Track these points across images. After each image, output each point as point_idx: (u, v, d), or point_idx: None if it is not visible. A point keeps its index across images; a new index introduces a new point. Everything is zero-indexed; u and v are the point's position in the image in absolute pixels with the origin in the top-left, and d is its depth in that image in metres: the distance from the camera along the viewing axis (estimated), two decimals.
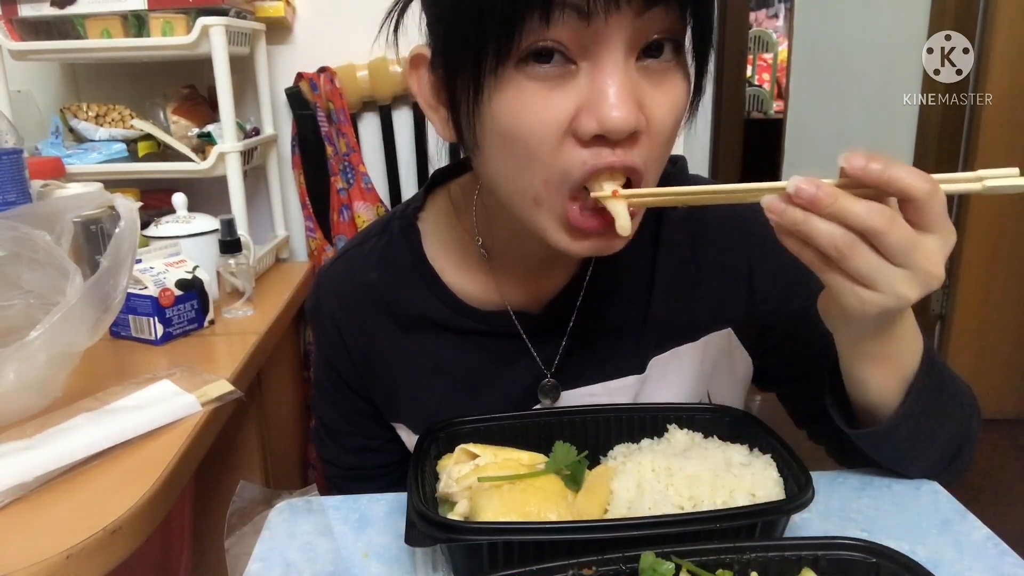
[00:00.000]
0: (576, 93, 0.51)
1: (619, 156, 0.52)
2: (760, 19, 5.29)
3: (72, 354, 0.81)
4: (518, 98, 0.52)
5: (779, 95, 4.53)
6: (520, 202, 0.57)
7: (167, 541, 0.93)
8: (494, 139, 0.55)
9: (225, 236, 1.20)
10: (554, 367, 0.72)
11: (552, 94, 0.51)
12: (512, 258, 0.71)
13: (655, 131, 0.53)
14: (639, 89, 0.52)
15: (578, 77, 0.51)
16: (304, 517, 0.64)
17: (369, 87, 1.59)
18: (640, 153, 0.53)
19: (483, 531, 0.52)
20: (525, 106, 0.52)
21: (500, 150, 0.55)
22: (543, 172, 0.54)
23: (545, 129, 0.52)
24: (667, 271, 0.72)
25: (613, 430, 0.66)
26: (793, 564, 0.49)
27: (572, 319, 0.71)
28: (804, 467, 0.57)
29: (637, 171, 0.53)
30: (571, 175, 0.53)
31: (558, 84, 0.51)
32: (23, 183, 1.05)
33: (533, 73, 0.51)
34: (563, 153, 0.52)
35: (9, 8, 1.29)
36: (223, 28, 1.29)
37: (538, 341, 0.72)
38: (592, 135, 0.51)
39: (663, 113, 0.53)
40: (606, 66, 0.50)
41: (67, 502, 0.66)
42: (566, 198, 0.55)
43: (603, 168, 0.52)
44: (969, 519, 0.63)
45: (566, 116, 0.52)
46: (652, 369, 0.72)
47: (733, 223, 0.73)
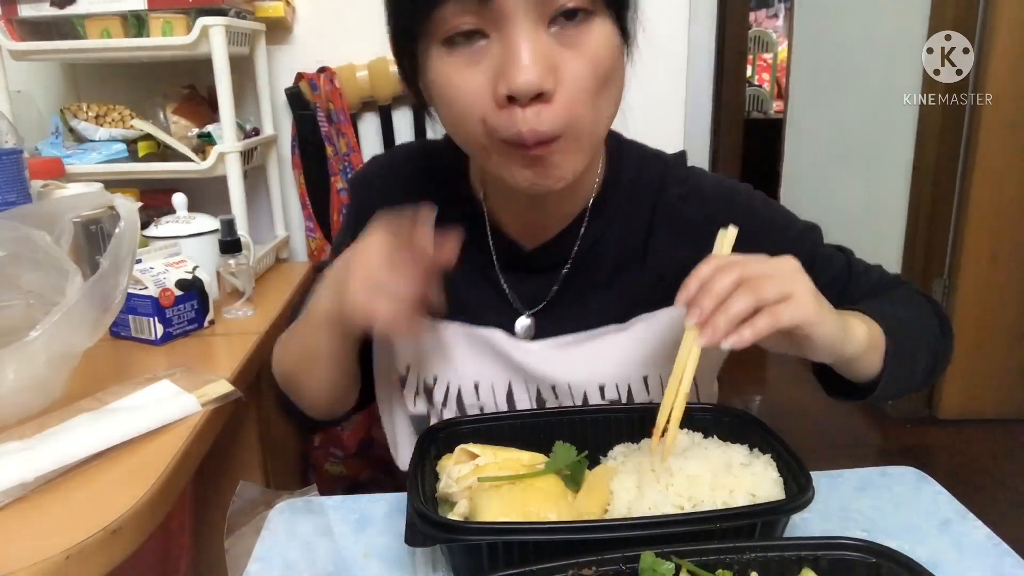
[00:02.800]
0: (492, 62, 0.58)
1: (530, 122, 0.57)
2: (760, 19, 5.29)
3: (72, 354, 0.81)
4: (445, 70, 0.60)
5: (779, 95, 4.54)
6: (473, 153, 0.66)
7: (167, 541, 0.93)
8: (437, 104, 0.64)
9: (225, 236, 1.20)
10: (538, 309, 0.76)
11: (472, 67, 0.59)
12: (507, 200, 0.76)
13: (573, 88, 0.58)
14: (552, 52, 0.57)
15: (491, 49, 0.58)
16: (304, 517, 0.64)
17: (369, 87, 1.59)
18: (552, 115, 0.58)
19: (483, 531, 0.52)
20: (451, 79, 0.60)
21: (444, 111, 0.64)
22: (477, 129, 0.61)
23: (469, 95, 0.59)
24: (662, 238, 0.76)
25: (613, 430, 0.66)
26: (793, 564, 0.49)
27: (566, 264, 0.75)
28: (804, 467, 0.57)
29: (549, 136, 0.59)
30: (498, 132, 0.60)
31: (475, 58, 0.58)
32: (23, 183, 1.05)
33: (454, 51, 0.59)
34: (489, 114, 0.59)
35: (9, 8, 1.29)
36: (223, 28, 1.29)
37: (523, 277, 0.77)
38: (504, 97, 0.57)
39: (579, 70, 0.58)
40: (511, 36, 0.56)
41: (67, 502, 0.66)
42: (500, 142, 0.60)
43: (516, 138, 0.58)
44: (969, 519, 0.63)
45: (485, 83, 0.58)
46: (636, 324, 0.75)
47: (730, 204, 0.78)
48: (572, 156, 0.62)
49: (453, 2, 0.56)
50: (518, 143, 0.59)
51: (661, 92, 1.59)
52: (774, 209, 0.80)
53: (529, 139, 0.58)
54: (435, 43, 0.59)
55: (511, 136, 0.59)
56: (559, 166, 0.62)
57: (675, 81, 1.66)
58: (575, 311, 0.76)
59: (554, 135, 0.59)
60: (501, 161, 0.62)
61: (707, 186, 0.79)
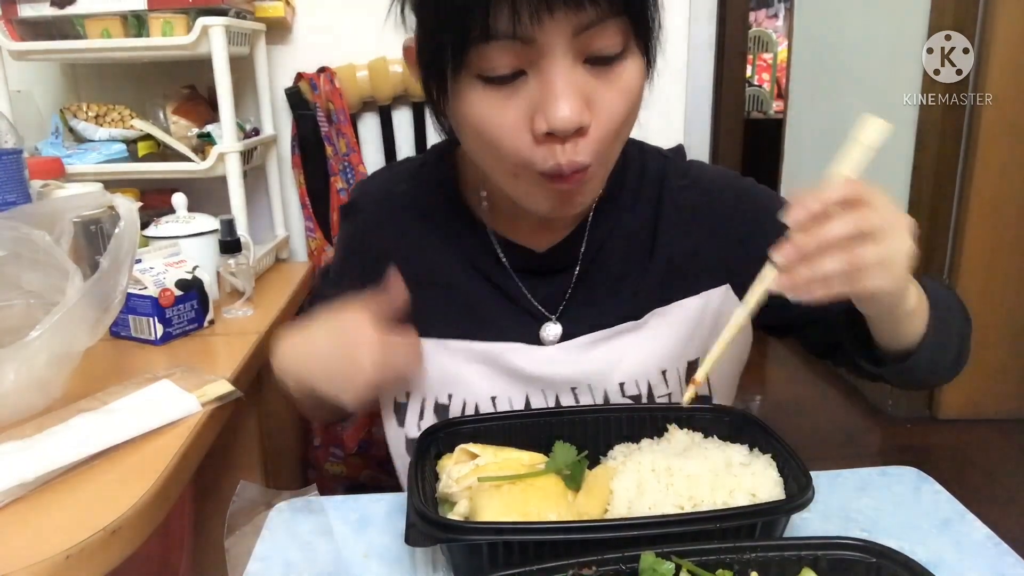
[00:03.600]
0: (529, 97, 0.58)
1: (568, 154, 0.59)
2: (760, 19, 5.29)
3: (72, 354, 0.81)
4: (479, 104, 0.59)
5: (779, 95, 4.54)
6: (500, 175, 0.65)
7: (167, 541, 0.93)
8: (466, 133, 0.63)
9: (225, 236, 1.20)
10: (556, 310, 0.76)
11: (508, 101, 0.59)
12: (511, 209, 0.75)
13: (605, 122, 0.60)
14: (587, 87, 0.58)
15: (529, 84, 0.58)
16: (304, 517, 0.64)
17: (369, 87, 1.59)
18: (588, 147, 0.59)
19: (483, 531, 0.52)
20: (485, 111, 0.59)
21: (473, 140, 0.63)
22: (511, 162, 0.61)
23: (507, 129, 0.59)
24: (669, 230, 0.76)
25: (613, 430, 0.66)
26: (793, 564, 0.49)
27: (577, 264, 0.76)
28: (804, 467, 0.57)
29: (586, 166, 0.60)
30: (535, 165, 0.60)
31: (512, 92, 0.58)
32: (23, 183, 1.05)
33: (490, 86, 0.58)
34: (526, 149, 0.59)
35: (9, 8, 1.29)
36: (223, 28, 1.29)
37: (539, 281, 0.76)
38: (544, 134, 0.58)
39: (613, 106, 0.60)
40: (550, 74, 0.57)
41: (67, 502, 0.66)
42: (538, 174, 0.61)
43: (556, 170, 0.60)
44: (969, 519, 0.63)
45: (522, 118, 0.59)
46: (651, 319, 0.75)
47: (733, 191, 0.79)
48: (595, 185, 0.66)
49: (496, 41, 0.56)
50: (554, 175, 0.60)
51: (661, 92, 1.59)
52: (777, 197, 0.80)
53: (567, 170, 0.60)
54: (470, 75, 0.59)
55: (548, 170, 0.60)
56: (583, 195, 0.65)
57: (675, 81, 1.66)
58: (592, 311, 0.75)
59: (588, 165, 0.60)
60: (529, 189, 0.64)
61: (708, 175, 0.80)
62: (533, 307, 0.76)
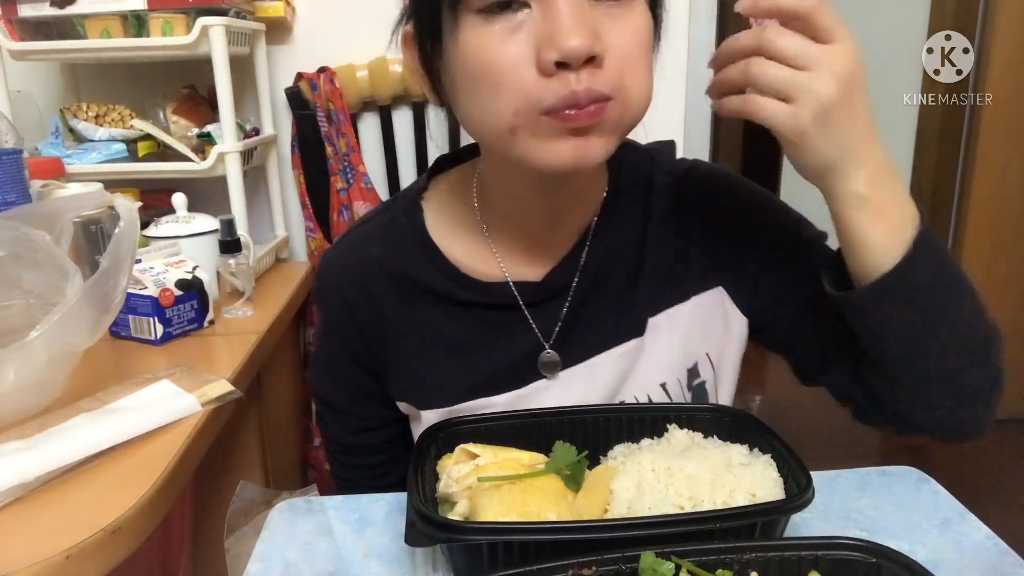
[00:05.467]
0: (534, 31, 0.55)
1: (584, 82, 0.55)
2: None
3: (72, 354, 0.81)
4: (480, 40, 0.57)
5: None
6: (497, 138, 0.60)
7: (167, 541, 0.93)
8: (464, 82, 0.59)
9: (225, 236, 1.20)
10: (553, 338, 0.74)
11: (512, 35, 0.56)
12: (512, 230, 0.73)
13: (619, 56, 0.57)
14: (595, 21, 0.55)
15: (533, 17, 0.56)
16: (304, 517, 0.64)
17: (369, 87, 1.59)
18: (606, 78, 0.56)
19: (483, 531, 0.52)
20: (487, 47, 0.56)
21: (471, 91, 0.59)
22: (512, 103, 0.57)
23: (509, 64, 0.56)
24: (656, 234, 0.75)
25: (613, 430, 0.66)
26: (793, 564, 0.49)
27: (572, 287, 0.73)
28: (804, 467, 0.57)
29: (606, 96, 0.57)
30: (542, 102, 0.56)
31: (515, 26, 0.56)
32: (23, 183, 1.05)
33: (491, 19, 0.56)
34: (531, 85, 0.56)
35: (9, 8, 1.29)
36: (223, 28, 1.29)
37: (539, 311, 0.74)
38: (553, 63, 0.54)
39: (623, 40, 0.57)
40: (557, 2, 0.54)
41: (67, 502, 0.66)
42: (540, 115, 0.57)
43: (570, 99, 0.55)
44: (969, 519, 0.63)
45: (527, 53, 0.56)
46: (649, 332, 0.74)
47: (718, 187, 0.76)
48: (612, 133, 0.60)
49: None
50: (566, 110, 0.56)
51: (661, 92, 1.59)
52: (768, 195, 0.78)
53: (585, 99, 0.55)
54: (469, 12, 0.56)
55: (560, 99, 0.55)
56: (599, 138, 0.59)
57: (675, 81, 1.66)
58: (592, 333, 0.74)
59: (609, 95, 0.57)
60: (533, 140, 0.58)
61: (694, 173, 0.77)
62: (536, 337, 0.73)
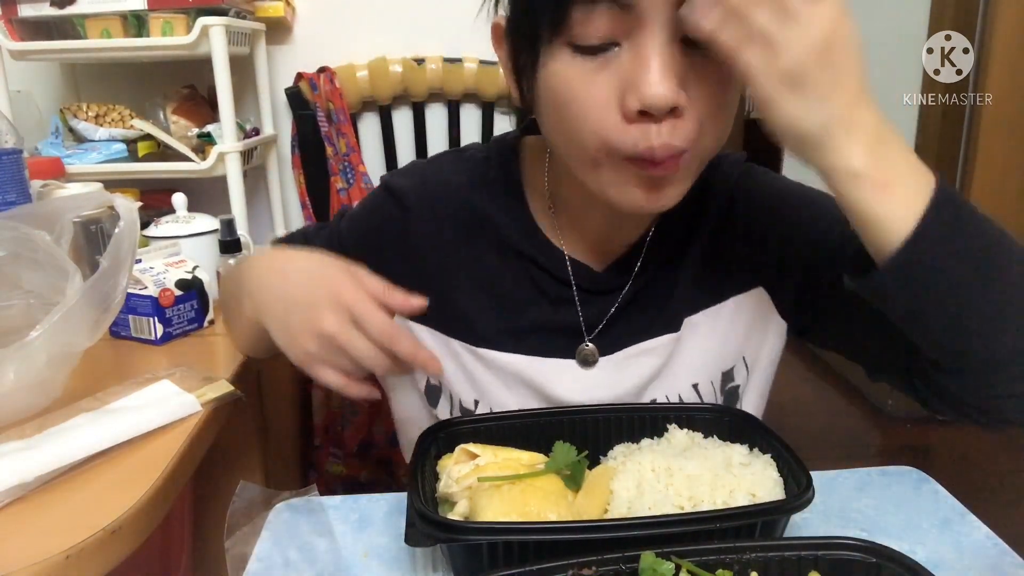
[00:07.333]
0: (620, 72, 0.55)
1: (664, 136, 0.55)
2: None
3: (72, 354, 0.81)
4: (567, 73, 0.56)
5: None
6: (579, 164, 0.61)
7: (167, 541, 0.93)
8: (550, 107, 0.59)
9: (225, 236, 1.20)
10: (598, 329, 0.73)
11: (598, 73, 0.55)
12: (575, 227, 0.73)
13: (701, 108, 0.56)
14: (683, 69, 0.54)
15: (621, 57, 0.55)
16: (304, 517, 0.64)
17: (369, 87, 1.59)
18: (684, 130, 0.55)
19: (483, 531, 0.52)
20: (573, 81, 0.56)
21: (555, 117, 0.60)
22: (595, 141, 0.57)
23: (592, 104, 0.56)
24: (705, 234, 0.74)
25: (613, 430, 0.66)
26: (793, 564, 0.49)
27: (629, 282, 0.73)
28: (804, 467, 0.57)
29: (679, 152, 0.56)
30: (622, 150, 0.56)
31: (604, 64, 0.55)
32: (23, 183, 1.05)
33: (580, 53, 0.55)
34: (612, 128, 0.56)
35: (9, 8, 1.29)
36: (223, 28, 1.29)
37: (588, 301, 0.73)
38: (636, 112, 0.54)
39: (708, 91, 0.56)
40: (645, 46, 0.53)
41: (67, 502, 0.66)
42: (621, 159, 0.57)
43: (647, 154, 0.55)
44: (969, 519, 0.63)
45: (611, 93, 0.55)
46: (685, 329, 0.73)
47: (771, 196, 0.76)
48: (685, 179, 0.60)
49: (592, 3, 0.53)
50: (643, 159, 0.56)
51: None
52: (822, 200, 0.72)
53: (661, 154, 0.55)
54: (562, 43, 0.56)
55: (638, 152, 0.55)
56: (674, 187, 0.60)
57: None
58: (634, 327, 0.73)
59: (684, 150, 0.56)
60: (613, 178, 0.59)
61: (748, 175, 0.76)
62: (579, 323, 0.73)
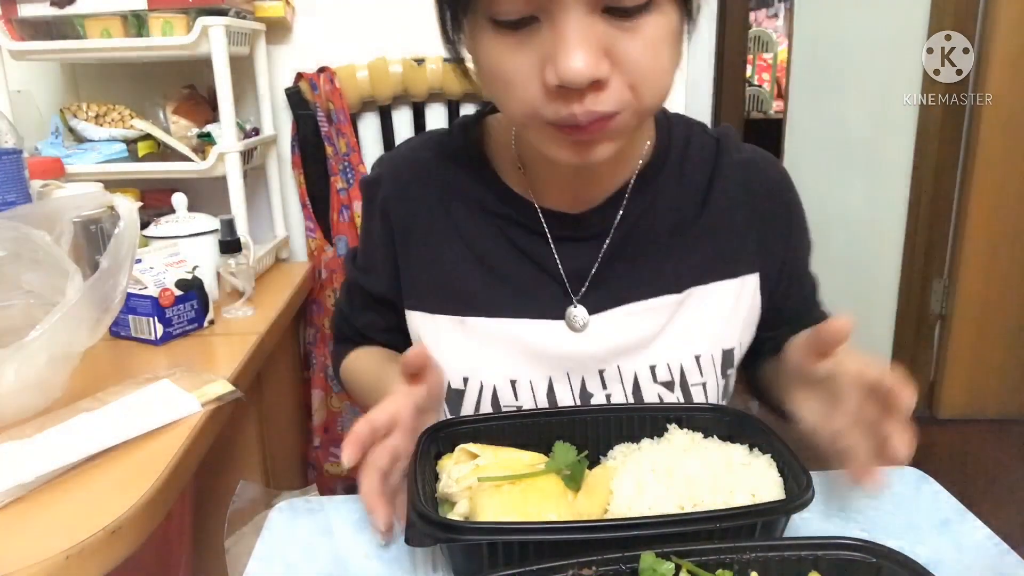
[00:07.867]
0: (541, 46, 0.55)
1: (586, 106, 0.55)
2: (760, 19, 5.28)
3: (72, 354, 0.81)
4: (490, 47, 0.57)
5: (779, 95, 4.53)
6: (516, 125, 0.67)
7: (167, 541, 0.93)
8: (479, 74, 0.62)
9: (225, 236, 1.20)
10: (588, 283, 0.73)
11: (520, 48, 0.56)
12: (546, 171, 0.73)
13: (629, 72, 0.56)
14: (605, 38, 0.54)
15: (541, 31, 0.55)
16: (304, 517, 0.64)
17: (369, 87, 1.59)
18: (612, 97, 0.56)
19: (483, 531, 0.52)
20: (495, 56, 0.57)
21: (487, 85, 0.61)
22: (520, 108, 0.59)
23: (516, 75, 0.57)
24: (719, 206, 0.75)
25: (613, 430, 0.66)
26: (793, 564, 0.49)
27: (612, 229, 0.73)
28: (804, 467, 0.57)
29: (610, 114, 0.56)
30: (545, 117, 0.57)
31: (525, 38, 0.55)
32: (23, 183, 1.05)
33: (502, 31, 0.56)
34: (534, 98, 0.57)
35: (9, 8, 1.29)
36: (223, 28, 1.29)
37: (570, 248, 0.74)
38: (555, 86, 0.54)
39: (636, 55, 0.55)
40: (561, 22, 0.53)
41: (67, 502, 0.66)
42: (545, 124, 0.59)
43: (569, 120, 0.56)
44: (969, 519, 0.63)
45: (534, 67, 0.56)
46: (691, 298, 0.74)
47: (784, 183, 0.79)
48: (621, 136, 0.60)
49: None
50: (568, 126, 0.57)
51: None
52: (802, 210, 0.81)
53: (584, 119, 0.56)
54: (482, 17, 0.56)
55: (560, 119, 0.56)
56: (605, 144, 0.60)
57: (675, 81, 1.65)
58: (626, 282, 0.73)
59: (614, 112, 0.56)
60: (542, 138, 0.61)
61: (763, 160, 0.78)
62: (560, 275, 0.73)
